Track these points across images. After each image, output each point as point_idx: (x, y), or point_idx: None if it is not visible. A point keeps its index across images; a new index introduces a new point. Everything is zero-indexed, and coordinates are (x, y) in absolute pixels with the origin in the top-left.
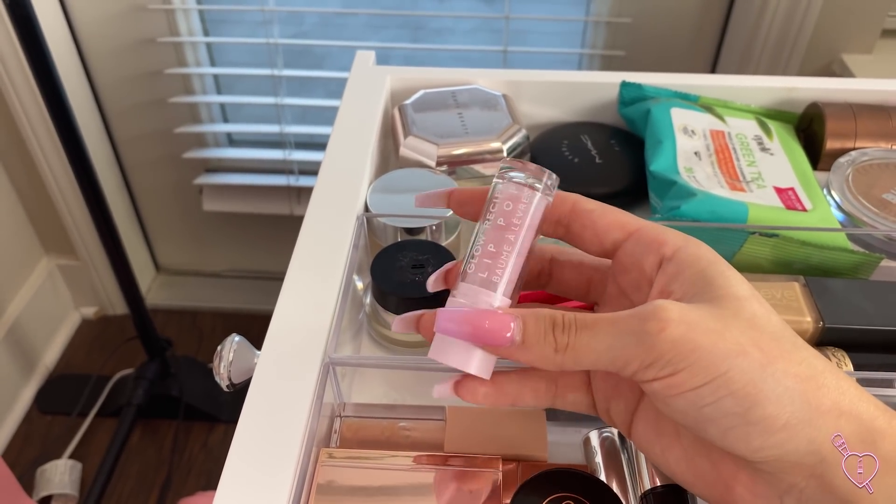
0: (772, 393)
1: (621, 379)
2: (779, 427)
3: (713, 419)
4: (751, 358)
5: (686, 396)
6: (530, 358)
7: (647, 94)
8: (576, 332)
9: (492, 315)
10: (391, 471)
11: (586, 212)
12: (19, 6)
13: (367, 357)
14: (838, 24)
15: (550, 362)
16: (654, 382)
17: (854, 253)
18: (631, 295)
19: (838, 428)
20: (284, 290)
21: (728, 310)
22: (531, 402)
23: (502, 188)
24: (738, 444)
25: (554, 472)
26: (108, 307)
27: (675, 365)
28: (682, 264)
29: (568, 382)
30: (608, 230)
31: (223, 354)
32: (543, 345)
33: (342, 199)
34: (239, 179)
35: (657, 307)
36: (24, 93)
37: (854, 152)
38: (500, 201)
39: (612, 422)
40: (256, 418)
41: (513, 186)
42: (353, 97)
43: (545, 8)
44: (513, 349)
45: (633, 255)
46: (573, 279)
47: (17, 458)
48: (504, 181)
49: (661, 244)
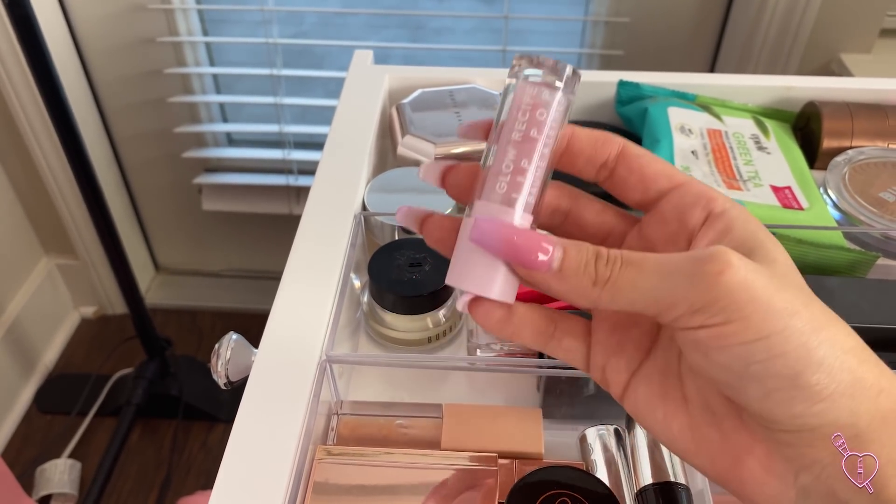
0: (824, 359)
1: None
2: (825, 395)
3: (759, 378)
4: (805, 321)
5: (734, 350)
6: (565, 287)
7: (645, 94)
8: (620, 266)
9: (532, 234)
10: (388, 468)
11: (634, 156)
12: (18, 6)
13: (364, 355)
14: (837, 23)
15: (586, 296)
16: (700, 330)
17: (850, 251)
18: (660, 248)
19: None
20: (282, 288)
21: (779, 272)
22: (528, 338)
23: (518, 91)
24: (778, 407)
25: (550, 469)
26: (108, 306)
27: (729, 314)
28: (733, 221)
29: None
30: (656, 177)
31: (221, 352)
32: (582, 275)
33: (340, 197)
34: (238, 179)
35: (718, 250)
36: (24, 92)
37: (851, 151)
38: (518, 106)
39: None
40: (253, 416)
41: (530, 87)
42: (350, 96)
43: (544, 8)
44: (549, 275)
45: (678, 206)
46: (593, 223)
47: (16, 458)
48: (519, 80)
49: (711, 200)
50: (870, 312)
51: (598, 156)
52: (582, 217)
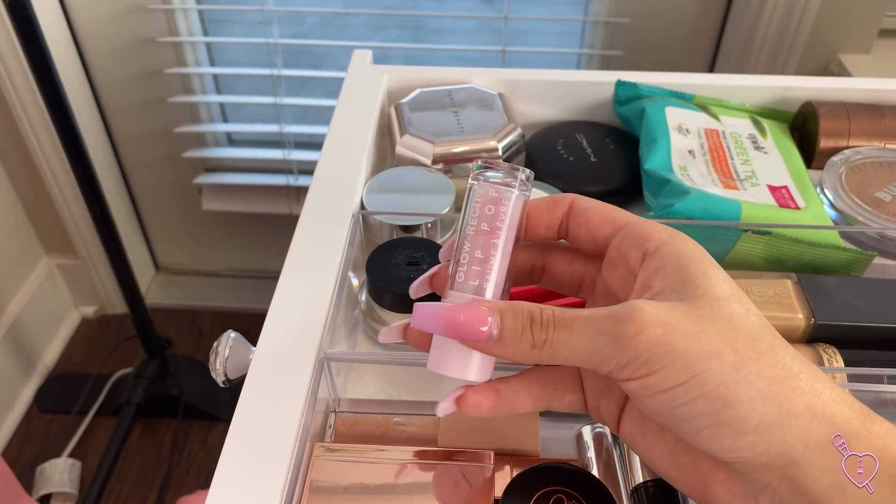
0: (743, 395)
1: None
2: (750, 429)
3: (686, 419)
4: (724, 360)
5: (660, 397)
6: (507, 353)
7: (642, 94)
8: (553, 329)
9: (469, 309)
10: (385, 465)
11: (582, 210)
12: (19, 6)
13: (361, 353)
14: (836, 24)
15: (527, 357)
16: (629, 382)
17: (846, 250)
18: (618, 291)
19: (810, 431)
20: (280, 287)
21: (706, 309)
22: (530, 407)
23: (479, 190)
24: (710, 443)
25: (546, 466)
26: (108, 306)
27: (650, 366)
28: (664, 259)
29: (563, 385)
30: (600, 226)
31: (219, 350)
32: (521, 341)
33: (338, 196)
34: (238, 179)
35: (633, 308)
36: (24, 92)
37: (847, 151)
38: (481, 205)
39: (603, 420)
40: (251, 413)
41: (490, 188)
42: (349, 96)
43: (544, 8)
44: (490, 344)
45: (620, 249)
46: (565, 274)
47: (16, 457)
48: (480, 182)
49: (646, 239)
50: (866, 312)
51: (553, 219)
52: (555, 270)
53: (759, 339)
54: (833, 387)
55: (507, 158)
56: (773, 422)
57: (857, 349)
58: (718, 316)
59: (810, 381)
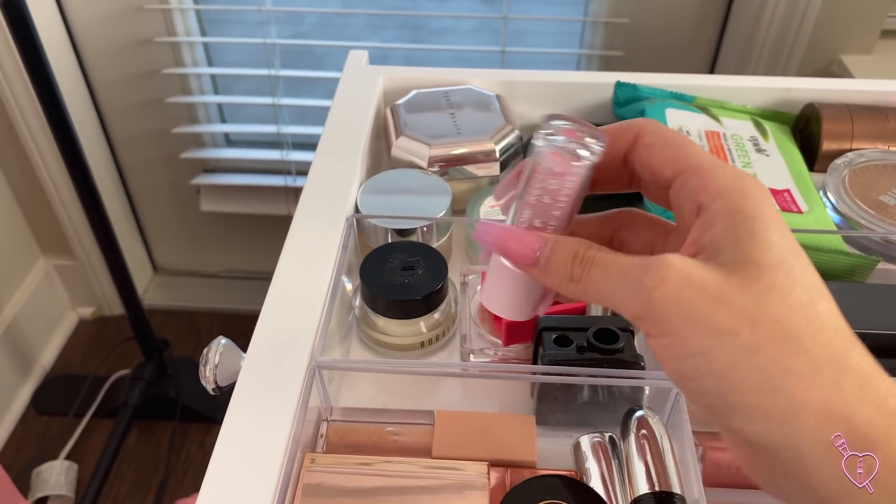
0: (752, 380)
1: None
2: (759, 417)
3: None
4: (740, 339)
5: (672, 365)
6: (549, 280)
7: (642, 95)
8: (590, 267)
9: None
10: (377, 476)
11: (645, 147)
12: (14, 6)
13: (353, 361)
14: (838, 24)
15: (565, 289)
16: (648, 339)
17: (850, 255)
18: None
19: (823, 430)
20: (271, 292)
21: (742, 277)
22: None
23: (544, 154)
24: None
25: (542, 478)
26: (105, 307)
27: (663, 326)
28: (715, 216)
29: None
30: (662, 168)
31: (209, 357)
32: (561, 272)
33: (332, 199)
34: (236, 180)
35: (660, 261)
36: (21, 93)
37: (851, 153)
38: (544, 177)
39: None
40: (240, 422)
41: (556, 156)
42: (344, 97)
43: (543, 8)
44: (535, 269)
45: (677, 199)
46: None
47: (12, 459)
48: (546, 144)
49: (702, 189)
50: (870, 318)
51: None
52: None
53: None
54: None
55: (505, 160)
56: (783, 415)
57: None
58: (753, 288)
59: (836, 375)
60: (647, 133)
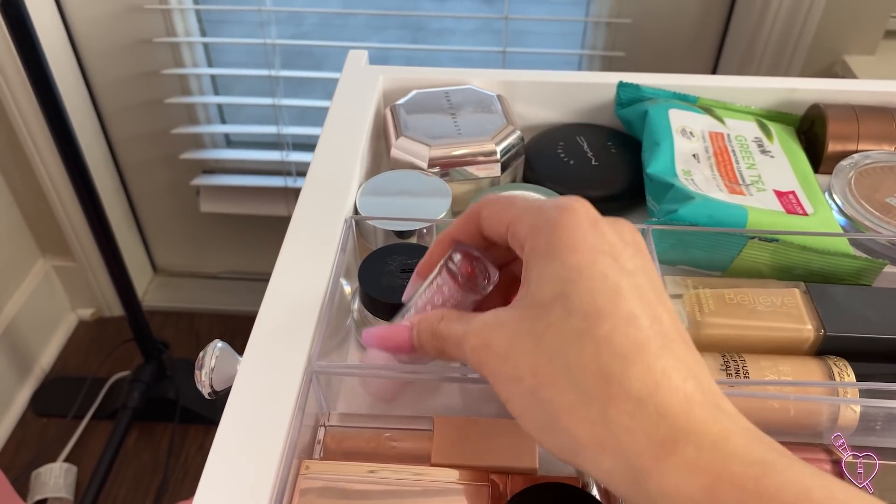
0: (540, 421)
1: None
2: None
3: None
4: (524, 384)
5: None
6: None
7: (645, 95)
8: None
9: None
10: (376, 483)
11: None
12: (13, 6)
13: (350, 365)
14: (841, 24)
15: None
16: None
17: (856, 258)
18: None
19: (599, 464)
20: (268, 295)
21: (530, 320)
22: None
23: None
24: None
25: (544, 485)
26: (105, 309)
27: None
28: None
29: None
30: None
31: (205, 361)
32: (431, 349)
33: (330, 201)
34: (236, 181)
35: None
36: (20, 93)
37: (857, 155)
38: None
39: None
40: (236, 428)
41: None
42: (344, 97)
43: (545, 8)
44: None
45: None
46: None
47: (11, 462)
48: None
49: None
50: (876, 322)
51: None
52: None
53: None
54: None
55: (506, 161)
56: (571, 450)
57: (868, 362)
58: (536, 329)
59: (601, 408)
60: (484, 207)
